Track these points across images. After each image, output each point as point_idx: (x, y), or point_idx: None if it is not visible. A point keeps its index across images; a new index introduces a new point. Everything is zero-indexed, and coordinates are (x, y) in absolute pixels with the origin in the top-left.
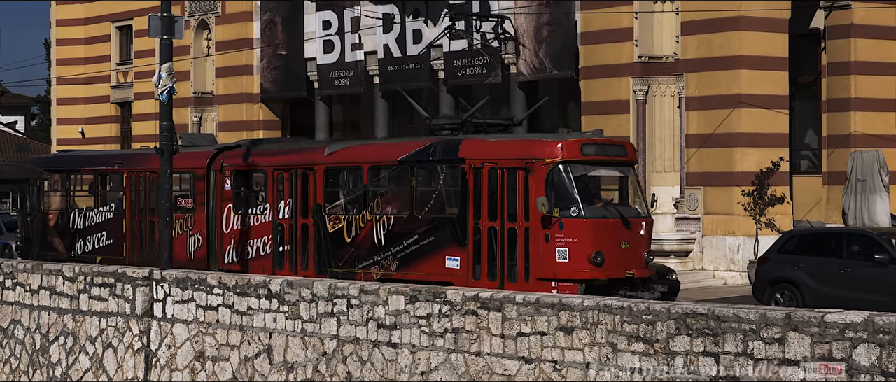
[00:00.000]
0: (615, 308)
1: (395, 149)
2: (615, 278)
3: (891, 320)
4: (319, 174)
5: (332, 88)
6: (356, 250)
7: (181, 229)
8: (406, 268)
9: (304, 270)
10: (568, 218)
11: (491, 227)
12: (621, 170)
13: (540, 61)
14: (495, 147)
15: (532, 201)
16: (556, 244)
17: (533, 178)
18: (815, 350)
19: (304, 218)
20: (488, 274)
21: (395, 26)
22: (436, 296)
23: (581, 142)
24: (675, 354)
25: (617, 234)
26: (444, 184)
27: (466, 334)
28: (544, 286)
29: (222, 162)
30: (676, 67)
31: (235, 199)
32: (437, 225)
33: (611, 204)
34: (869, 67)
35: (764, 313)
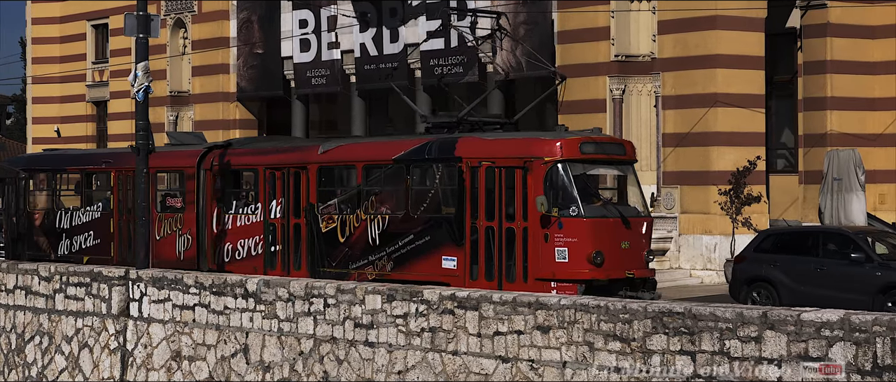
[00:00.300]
0: (592, 307)
1: (390, 147)
2: (615, 278)
3: (867, 318)
4: (312, 173)
5: (308, 87)
6: (350, 250)
7: (170, 228)
8: (401, 269)
9: (296, 270)
10: (567, 218)
11: (488, 227)
12: (620, 169)
13: (517, 60)
14: (493, 145)
15: (531, 200)
16: (556, 244)
17: (531, 177)
18: (792, 349)
19: (297, 217)
20: (486, 275)
21: (371, 25)
22: (412, 295)
23: (580, 141)
24: (651, 353)
25: (617, 234)
26: (441, 183)
27: (443, 333)
28: (543, 286)
29: (212, 161)
30: (653, 66)
31: (226, 198)
32: (433, 225)
33: (610, 203)
34: (845, 66)
35: (740, 312)
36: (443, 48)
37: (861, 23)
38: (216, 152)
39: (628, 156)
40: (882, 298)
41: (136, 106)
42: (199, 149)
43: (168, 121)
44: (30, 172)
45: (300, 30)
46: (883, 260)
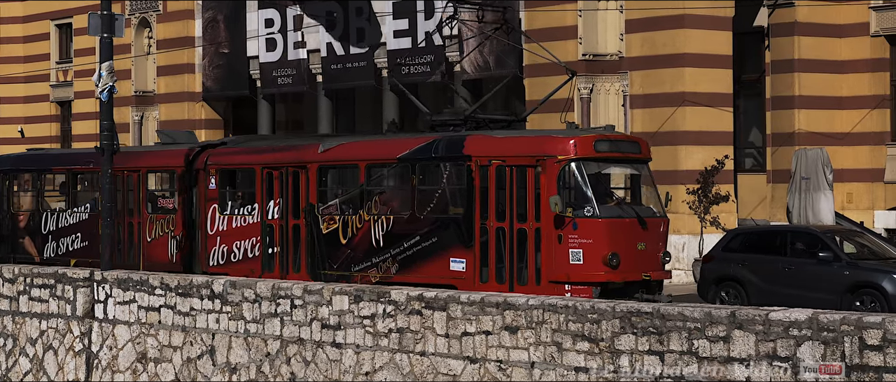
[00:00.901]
0: (560, 307)
1: (395, 146)
2: (631, 280)
3: (834, 318)
4: (313, 172)
5: (274, 87)
6: (352, 252)
7: (162, 230)
8: (407, 271)
9: (295, 273)
10: (582, 218)
11: (499, 228)
12: (635, 168)
13: (484, 59)
14: (503, 143)
15: (543, 200)
16: (570, 245)
17: (544, 176)
18: (760, 349)
19: (296, 218)
20: (496, 277)
21: (338, 24)
22: (380, 296)
23: (595, 138)
24: (620, 353)
25: (633, 235)
26: (448, 182)
27: (411, 334)
28: (557, 289)
29: (206, 160)
30: (621, 65)
31: (221, 199)
32: (440, 226)
33: (626, 203)
34: (812, 65)
35: (709, 311)
36: (410, 47)
37: (829, 21)
38: (211, 151)
39: (643, 154)
40: (850, 297)
41: (101, 106)
42: (192, 148)
43: (133, 121)
44: (13, 173)
45: (266, 29)
46: (851, 260)
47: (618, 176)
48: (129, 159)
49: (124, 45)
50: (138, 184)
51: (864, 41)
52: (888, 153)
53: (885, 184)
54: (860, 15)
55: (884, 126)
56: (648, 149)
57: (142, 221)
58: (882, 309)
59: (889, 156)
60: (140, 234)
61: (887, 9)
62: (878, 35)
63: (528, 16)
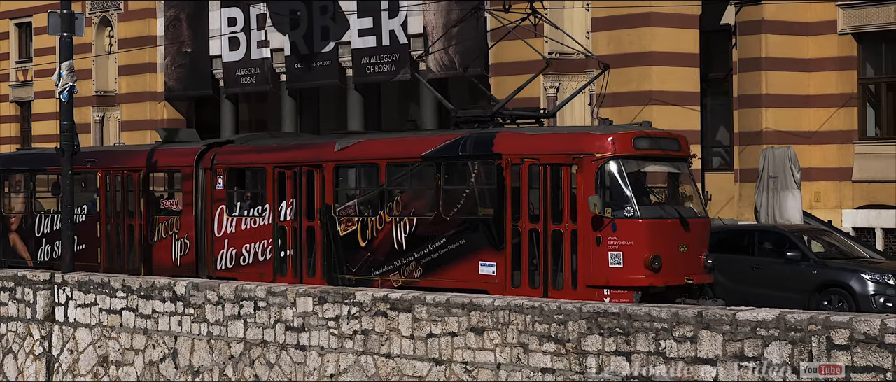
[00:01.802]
0: (526, 307)
1: (418, 143)
2: (673, 284)
3: (802, 317)
4: (328, 172)
5: (238, 86)
6: (372, 255)
7: (165, 233)
8: (432, 275)
9: (310, 277)
10: (622, 219)
11: (532, 229)
12: (676, 166)
13: (449, 58)
14: (536, 141)
15: (580, 200)
16: (609, 247)
17: (581, 175)
18: (728, 349)
19: (311, 220)
20: (529, 282)
21: (302, 23)
22: (345, 297)
23: (634, 135)
24: (586, 354)
25: (675, 236)
26: (477, 181)
27: (376, 335)
28: (594, 294)
29: (213, 159)
30: (587, 64)
31: (229, 200)
32: (468, 228)
33: (667, 203)
34: (780, 63)
35: (676, 311)
36: (375, 46)
37: (796, 19)
38: (218, 150)
39: (683, 151)
40: (818, 297)
41: (61, 106)
42: (196, 146)
43: (94, 122)
44: (4, 173)
45: (229, 28)
46: (819, 259)
47: (657, 174)
48: (130, 158)
49: (85, 44)
50: (140, 185)
51: (832, 39)
52: (856, 152)
53: (853, 182)
54: (827, 13)
55: (851, 124)
56: (688, 147)
57: (144, 223)
58: (850, 308)
59: (857, 154)
60: (141, 237)
61: (854, 7)
62: (845, 33)
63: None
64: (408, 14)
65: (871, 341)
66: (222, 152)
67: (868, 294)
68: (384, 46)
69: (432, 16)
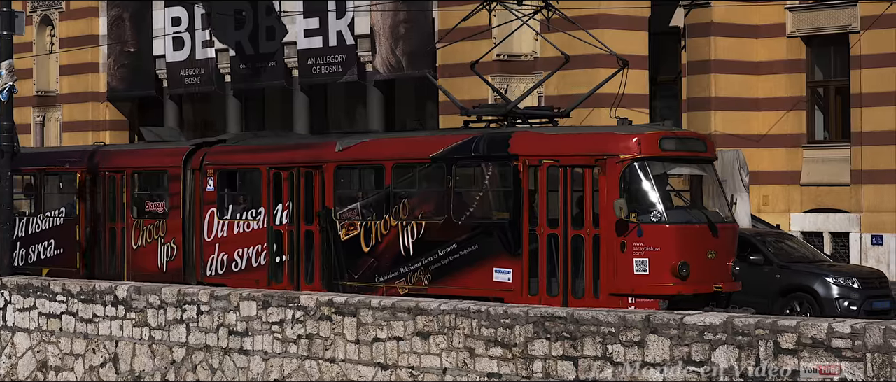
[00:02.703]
0: (473, 312)
1: (426, 144)
2: (702, 293)
3: (750, 321)
4: (329, 173)
5: (182, 87)
6: (376, 261)
7: (150, 237)
8: (441, 282)
9: (308, 283)
10: (649, 224)
11: (551, 235)
12: (702, 168)
13: (397, 59)
14: (555, 141)
15: (603, 204)
16: (635, 254)
17: (604, 178)
18: (675, 353)
19: (309, 224)
20: (548, 289)
21: (247, 23)
22: (289, 301)
23: (660, 135)
24: (533, 358)
25: (704, 242)
26: (491, 184)
27: (321, 340)
28: (618, 302)
29: (202, 159)
30: (536, 66)
31: (221, 202)
32: (482, 232)
33: (696, 207)
34: (729, 66)
35: (623, 316)
36: (321, 47)
37: (745, 22)
38: (208, 150)
39: (709, 152)
40: (782, 301)
41: (0, 106)
42: (184, 146)
43: (35, 122)
44: None
45: (173, 28)
46: (782, 263)
47: (683, 177)
48: (112, 159)
49: (25, 43)
50: (122, 186)
51: (781, 42)
52: (804, 155)
53: (802, 186)
54: (776, 16)
55: (800, 128)
56: (714, 148)
57: (126, 227)
58: (815, 312)
59: (805, 158)
60: (124, 241)
61: (803, 10)
62: (794, 36)
63: (442, 15)
64: (355, 15)
65: (819, 345)
66: (213, 152)
67: (832, 297)
68: (331, 47)
69: (379, 17)
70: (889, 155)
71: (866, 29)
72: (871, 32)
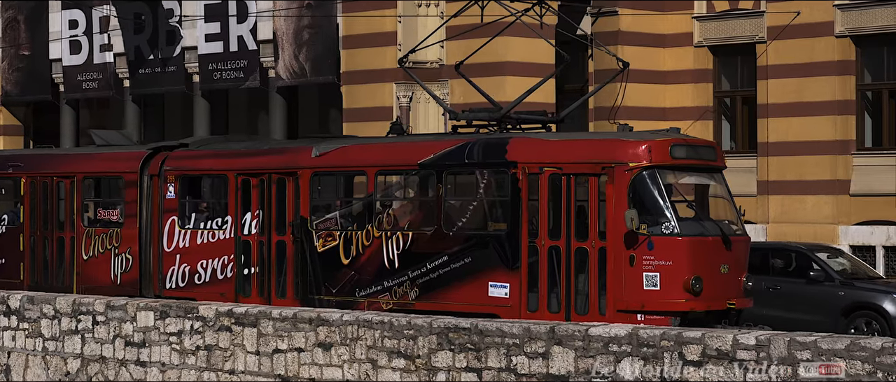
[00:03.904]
0: (375, 322)
1: (413, 149)
2: (715, 309)
3: (654, 333)
4: (305, 180)
5: (78, 91)
6: (357, 274)
7: (102, 247)
8: (430, 296)
9: (280, 298)
10: (660, 236)
11: (552, 247)
12: (712, 177)
13: (300, 65)
14: (557, 147)
15: (610, 214)
16: (645, 268)
17: (611, 187)
18: (580, 365)
19: (281, 234)
20: (549, 305)
21: (146, 27)
22: (187, 312)
23: (671, 143)
24: (437, 370)
25: (717, 256)
26: (487, 192)
27: (220, 351)
28: (626, 318)
29: (162, 164)
30: (441, 73)
31: (182, 210)
32: (476, 244)
33: (708, 218)
34: (636, 75)
35: (528, 327)
36: (222, 52)
37: (652, 31)
38: (168, 155)
39: (719, 161)
40: (845, 320)
41: None
42: (141, 150)
43: None
44: None
45: (70, 31)
46: (845, 279)
47: (693, 186)
48: (60, 163)
49: None
50: (72, 193)
51: (688, 51)
52: None
53: None
54: (684, 25)
55: (707, 137)
56: (723, 156)
57: (76, 236)
58: (883, 330)
59: None
60: (74, 252)
61: (710, 19)
62: (701, 45)
63: (347, 21)
64: (257, 19)
65: (723, 357)
66: (174, 157)
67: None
68: (232, 52)
69: (282, 22)
70: (794, 166)
71: (773, 39)
72: (778, 43)
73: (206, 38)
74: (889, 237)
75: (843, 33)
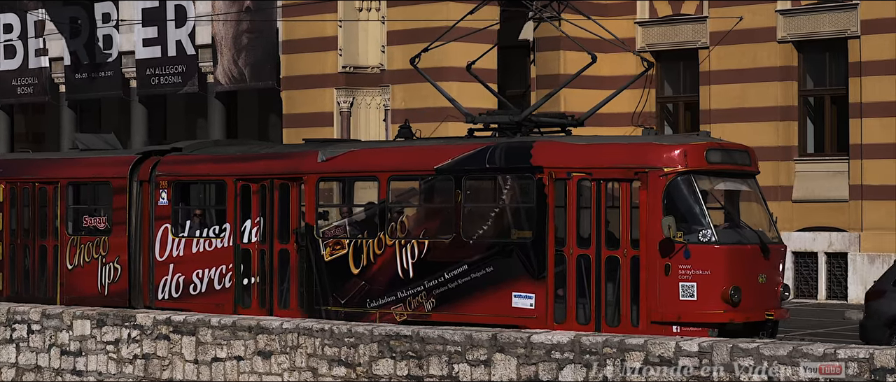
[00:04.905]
0: (316, 330)
1: (428, 153)
2: (754, 321)
3: (597, 340)
4: (310, 186)
5: (13, 97)
6: (368, 284)
7: (89, 256)
8: (448, 307)
9: (282, 309)
10: (697, 245)
11: (581, 256)
12: (747, 183)
13: (239, 70)
14: (586, 152)
15: (643, 222)
16: (681, 277)
17: (645, 193)
18: (522, 373)
19: (284, 242)
20: (578, 316)
21: (83, 31)
22: (125, 320)
23: (706, 147)
24: (378, 378)
25: (755, 265)
26: (510, 199)
27: (158, 360)
28: (661, 330)
29: (153, 169)
30: (382, 78)
31: (176, 218)
32: (498, 253)
33: (745, 226)
34: (578, 81)
35: (470, 334)
36: (160, 57)
37: (593, 36)
38: (158, 159)
39: (753, 166)
40: None
41: None
42: (129, 155)
43: None
44: None
45: (5, 35)
46: None
47: (727, 192)
48: (43, 168)
49: None
50: (56, 200)
51: (629, 57)
52: None
53: None
54: (625, 31)
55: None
56: (757, 160)
57: (60, 245)
58: None
59: None
60: (57, 261)
61: (653, 25)
62: (643, 51)
63: (287, 26)
64: (196, 24)
65: (665, 363)
66: (167, 162)
67: None
68: (170, 57)
69: (221, 26)
70: None
71: (715, 44)
72: (721, 48)
73: (144, 42)
74: (831, 243)
75: (785, 39)
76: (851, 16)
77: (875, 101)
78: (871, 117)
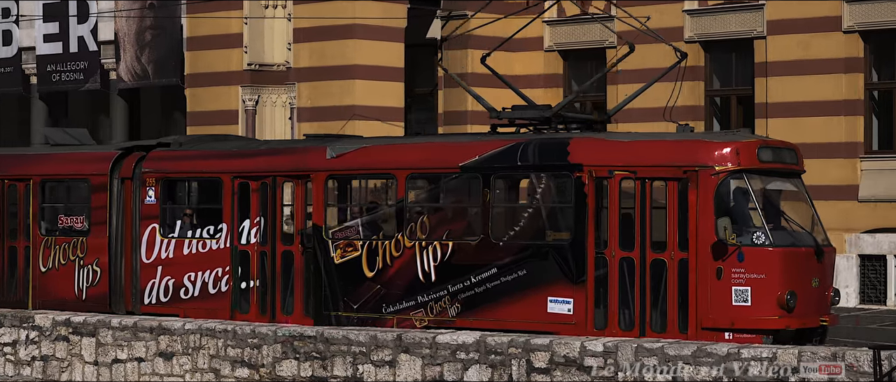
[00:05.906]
0: (219, 331)
1: (452, 150)
2: (809, 326)
3: (502, 341)
4: (318, 184)
5: None
6: (384, 288)
7: (65, 258)
8: (475, 312)
9: (286, 315)
10: (751, 247)
11: (625, 258)
12: (794, 183)
13: (142, 67)
14: (629, 149)
15: (693, 223)
16: (734, 282)
17: (695, 193)
18: (427, 373)
19: (288, 243)
20: (620, 322)
21: None
22: (22, 321)
23: (757, 145)
24: (281, 379)
25: (809, 268)
26: (544, 198)
27: (57, 361)
28: (713, 337)
29: (137, 166)
30: (288, 76)
31: (164, 217)
32: (532, 255)
33: (798, 227)
34: (485, 80)
35: (374, 335)
36: (61, 53)
37: (502, 35)
38: (147, 155)
39: (800, 165)
40: None
41: None
42: (109, 150)
43: None
44: None
45: None
46: None
47: (778, 192)
48: (12, 165)
49: None
50: (28, 198)
51: (539, 56)
52: None
53: None
54: (533, 29)
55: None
56: (803, 160)
57: (32, 246)
58: None
59: None
60: (29, 263)
61: (561, 24)
62: (552, 50)
63: (191, 22)
64: (98, 20)
65: (571, 363)
66: (153, 158)
67: None
68: (72, 53)
69: (124, 22)
70: None
71: (623, 44)
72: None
73: (45, 38)
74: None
75: (692, 39)
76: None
77: None
78: None
